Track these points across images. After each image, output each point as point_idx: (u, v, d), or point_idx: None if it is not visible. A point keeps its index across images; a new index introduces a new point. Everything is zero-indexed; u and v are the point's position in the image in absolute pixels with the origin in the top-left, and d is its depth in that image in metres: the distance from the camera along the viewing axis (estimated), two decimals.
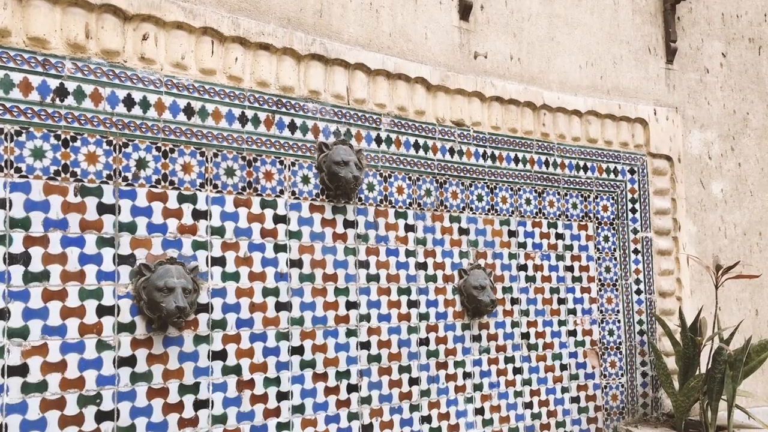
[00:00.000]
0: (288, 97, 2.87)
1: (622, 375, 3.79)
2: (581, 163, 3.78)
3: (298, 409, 2.79)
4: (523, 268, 3.54)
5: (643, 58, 4.12)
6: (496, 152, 3.49)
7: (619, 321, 3.81)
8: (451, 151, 3.36)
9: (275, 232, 2.80)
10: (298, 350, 2.80)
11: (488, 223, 3.44)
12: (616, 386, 3.77)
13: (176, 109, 2.60)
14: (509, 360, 3.45)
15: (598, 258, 3.79)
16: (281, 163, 2.83)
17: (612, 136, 3.89)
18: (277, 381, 2.74)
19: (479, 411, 3.32)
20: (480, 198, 3.42)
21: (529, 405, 3.48)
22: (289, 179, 2.85)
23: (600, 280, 3.78)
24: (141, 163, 2.50)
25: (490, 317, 3.40)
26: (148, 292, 2.42)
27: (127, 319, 2.42)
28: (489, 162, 3.47)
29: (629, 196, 3.92)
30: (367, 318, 3.00)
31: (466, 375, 3.30)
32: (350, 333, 2.95)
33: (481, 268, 3.37)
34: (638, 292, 3.88)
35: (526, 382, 3.49)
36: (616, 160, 3.89)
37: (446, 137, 3.34)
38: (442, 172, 3.32)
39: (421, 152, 3.26)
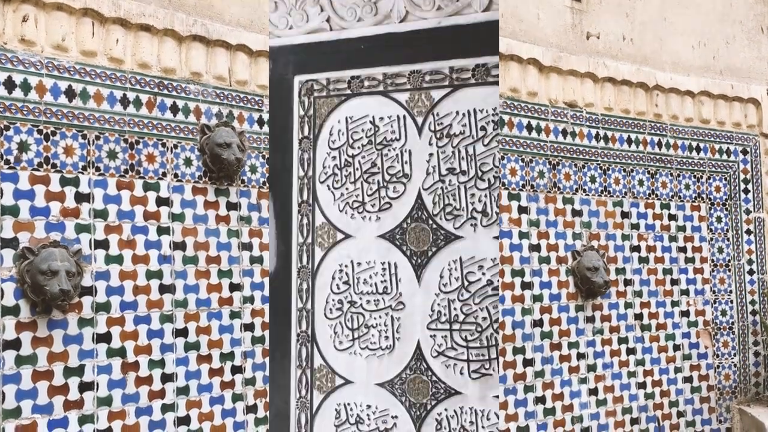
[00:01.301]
0: (170, 79, 2.77)
1: (734, 355, 3.77)
2: (694, 144, 3.74)
3: (183, 391, 2.72)
4: (636, 249, 3.53)
5: (756, 37, 4.04)
6: (609, 133, 3.48)
7: (731, 301, 3.78)
8: (564, 133, 3.36)
9: (158, 214, 2.71)
10: (182, 332, 2.72)
11: (601, 204, 3.44)
12: (729, 366, 3.75)
13: (57, 91, 2.51)
14: (622, 341, 3.46)
15: (711, 239, 3.76)
16: (164, 145, 2.74)
17: (724, 116, 3.84)
18: (161, 363, 2.67)
19: (593, 391, 3.35)
20: (593, 179, 3.42)
21: (642, 385, 3.50)
22: (172, 162, 2.76)
23: (713, 260, 3.75)
24: (22, 146, 2.42)
25: (604, 298, 3.41)
26: (31, 276, 2.35)
27: (11, 303, 2.36)
28: (602, 143, 3.46)
29: (741, 176, 3.87)
30: (250, 300, 2.91)
31: (580, 356, 3.33)
32: (234, 315, 2.86)
33: (594, 250, 3.38)
34: (750, 272, 3.84)
35: (639, 363, 3.50)
36: (728, 141, 3.84)
37: (559, 119, 3.35)
38: (555, 153, 3.33)
39: (534, 134, 3.28)
